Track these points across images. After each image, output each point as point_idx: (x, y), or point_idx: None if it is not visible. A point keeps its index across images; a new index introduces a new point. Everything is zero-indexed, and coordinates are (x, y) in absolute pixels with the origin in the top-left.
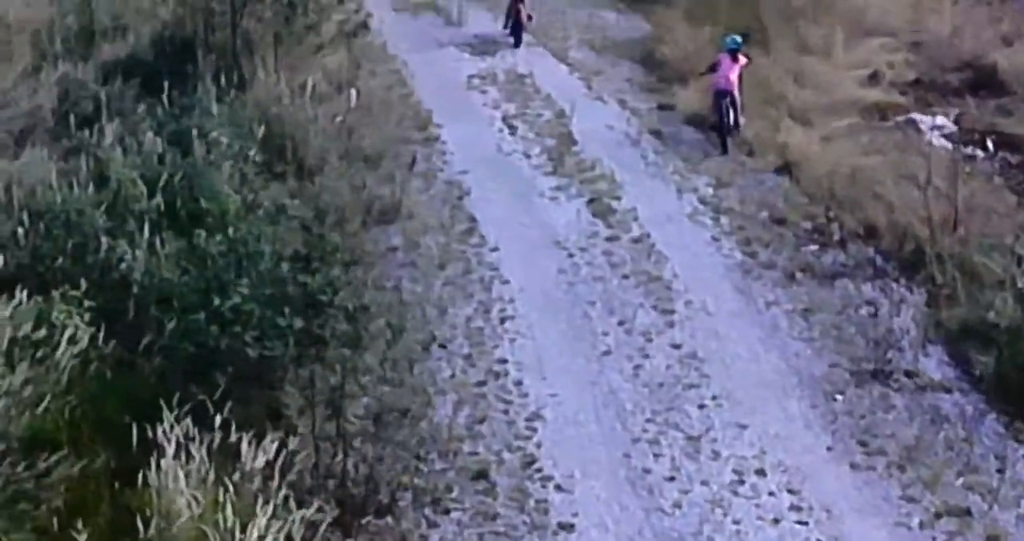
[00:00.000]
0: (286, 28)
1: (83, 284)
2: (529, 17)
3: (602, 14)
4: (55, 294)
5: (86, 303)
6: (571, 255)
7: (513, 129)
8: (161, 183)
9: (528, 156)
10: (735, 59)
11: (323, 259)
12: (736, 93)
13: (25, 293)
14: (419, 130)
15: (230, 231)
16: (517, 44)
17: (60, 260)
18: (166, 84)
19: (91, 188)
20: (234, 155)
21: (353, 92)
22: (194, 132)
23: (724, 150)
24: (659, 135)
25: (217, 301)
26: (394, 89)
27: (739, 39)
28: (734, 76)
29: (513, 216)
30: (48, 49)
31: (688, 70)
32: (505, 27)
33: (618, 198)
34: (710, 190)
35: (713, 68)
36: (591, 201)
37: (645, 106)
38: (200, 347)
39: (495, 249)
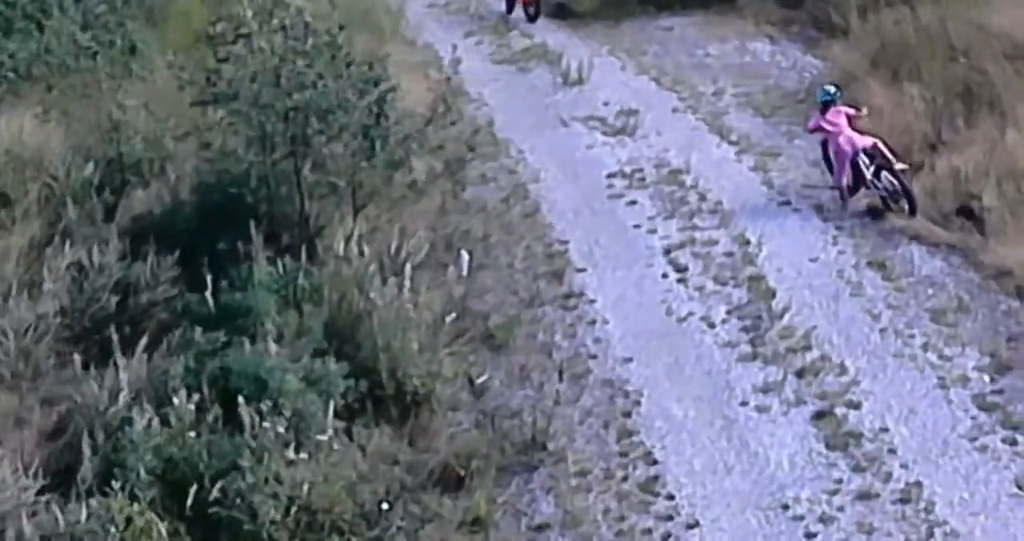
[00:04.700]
0: (367, 166)
1: None
2: None
3: (751, 46)
4: None
5: None
6: (811, 535)
7: (682, 272)
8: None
9: (712, 325)
10: (824, 112)
11: None
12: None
13: None
14: (554, 280)
15: None
16: (532, 19)
17: None
18: (207, 274)
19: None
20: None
21: (465, 257)
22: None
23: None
24: (885, 269)
25: None
26: (513, 202)
27: (831, 89)
28: (850, 132)
29: (710, 448)
30: (59, 206)
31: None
32: (510, 11)
33: (856, 406)
34: (986, 379)
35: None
36: (819, 416)
37: (850, 212)
38: None
39: (693, 525)
